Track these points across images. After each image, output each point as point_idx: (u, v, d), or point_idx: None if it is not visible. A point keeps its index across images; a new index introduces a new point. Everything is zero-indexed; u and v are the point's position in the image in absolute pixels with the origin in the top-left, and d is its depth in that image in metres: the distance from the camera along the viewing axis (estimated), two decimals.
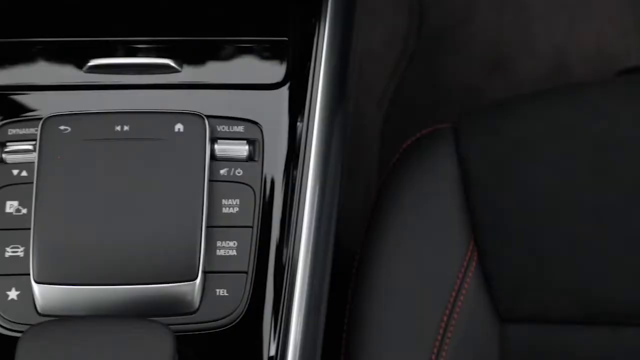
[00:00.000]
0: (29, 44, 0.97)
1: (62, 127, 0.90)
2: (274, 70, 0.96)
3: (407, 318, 1.02)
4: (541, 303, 1.06)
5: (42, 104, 0.95)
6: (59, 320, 0.82)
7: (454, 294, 1.03)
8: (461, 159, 1.08)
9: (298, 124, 0.94)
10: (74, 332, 0.80)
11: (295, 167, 0.93)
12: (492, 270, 1.06)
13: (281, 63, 0.96)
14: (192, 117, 0.91)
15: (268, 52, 0.97)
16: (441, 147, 1.10)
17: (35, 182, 0.89)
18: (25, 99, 0.95)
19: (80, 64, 0.96)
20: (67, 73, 0.96)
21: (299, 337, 0.89)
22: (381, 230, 1.06)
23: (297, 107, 0.95)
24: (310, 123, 0.94)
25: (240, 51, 0.97)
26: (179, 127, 0.91)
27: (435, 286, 1.04)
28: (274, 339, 0.89)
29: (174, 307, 0.88)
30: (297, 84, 0.96)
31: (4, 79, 0.96)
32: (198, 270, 0.87)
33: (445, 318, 1.02)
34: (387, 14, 1.69)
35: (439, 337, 1.01)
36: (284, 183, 0.93)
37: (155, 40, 0.97)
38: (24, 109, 0.95)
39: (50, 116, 0.91)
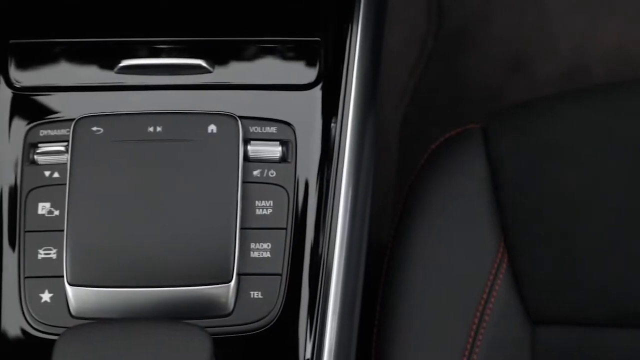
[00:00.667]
0: (60, 44, 0.96)
1: (94, 128, 0.90)
2: (306, 71, 0.96)
3: (438, 319, 1.02)
4: (572, 305, 1.05)
5: (73, 105, 0.94)
6: (96, 323, 0.82)
7: (484, 295, 1.02)
8: (491, 159, 1.07)
9: (331, 125, 0.94)
10: (110, 335, 0.79)
11: (329, 168, 0.92)
12: (522, 272, 1.05)
13: (313, 63, 0.96)
14: (225, 118, 0.91)
15: (300, 53, 0.96)
16: (470, 147, 1.09)
17: (67, 183, 0.88)
18: (57, 99, 0.95)
19: (111, 64, 0.95)
20: (98, 74, 0.96)
21: (334, 339, 0.88)
22: (411, 231, 1.05)
23: (330, 108, 0.94)
24: (343, 124, 0.93)
25: (272, 51, 0.96)
26: (212, 128, 0.90)
27: (466, 287, 1.03)
28: (310, 341, 0.88)
29: (208, 309, 0.87)
30: (329, 85, 0.95)
31: (34, 79, 0.95)
32: (233, 272, 0.86)
33: (476, 320, 1.01)
34: (406, 13, 1.68)
35: (470, 340, 1.00)
36: (318, 184, 0.92)
37: (186, 40, 0.96)
38: (55, 110, 0.94)
39: (82, 117, 0.91)
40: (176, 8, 0.97)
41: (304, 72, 0.96)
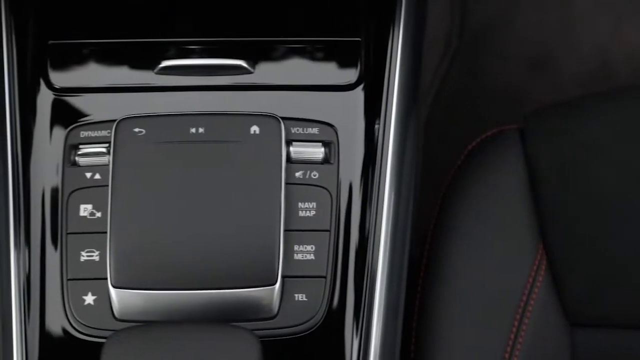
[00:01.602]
0: (100, 45, 0.96)
1: (136, 130, 0.89)
2: (347, 72, 0.95)
3: (478, 322, 1.01)
4: (611, 307, 1.04)
5: (113, 106, 0.94)
6: (143, 326, 0.81)
7: (524, 297, 1.02)
8: (529, 160, 1.07)
9: (373, 126, 0.93)
10: (159, 338, 0.79)
11: (372, 169, 0.92)
12: (562, 274, 1.04)
13: (354, 64, 0.95)
14: (268, 118, 0.90)
15: (340, 53, 0.96)
16: (508, 148, 1.08)
17: (110, 185, 0.88)
18: (96, 101, 0.94)
19: (151, 65, 0.94)
20: (138, 75, 0.95)
21: (379, 342, 0.88)
22: (449, 232, 1.04)
23: (372, 109, 0.94)
24: (386, 125, 0.92)
25: (313, 52, 0.96)
26: (254, 129, 0.89)
27: (505, 290, 1.02)
28: (356, 344, 0.88)
29: (253, 312, 0.87)
30: (371, 85, 0.95)
31: (74, 81, 0.95)
32: (277, 275, 0.86)
33: (516, 323, 1.01)
34: (429, 13, 1.67)
35: (510, 342, 1.00)
36: (362, 186, 0.92)
37: (226, 41, 0.95)
38: (95, 111, 0.94)
39: (124, 118, 0.90)
40: (216, 8, 0.96)
41: (344, 73, 0.95)
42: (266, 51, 0.95)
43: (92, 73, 0.95)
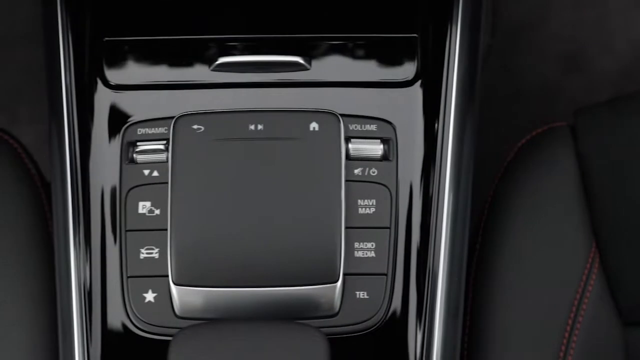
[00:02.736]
0: (155, 42, 0.95)
1: (195, 127, 0.89)
2: (404, 68, 0.95)
3: (531, 320, 1.00)
4: None
5: (169, 103, 0.93)
6: (210, 324, 0.81)
7: (578, 296, 1.01)
8: (581, 158, 1.06)
9: (432, 122, 0.93)
10: (226, 336, 0.78)
11: (432, 166, 0.91)
12: (615, 273, 1.04)
13: (411, 60, 0.95)
14: (327, 115, 0.89)
15: (397, 50, 0.95)
16: (559, 146, 1.07)
17: (169, 182, 0.87)
18: (152, 98, 0.94)
19: (207, 62, 0.94)
20: (194, 71, 0.94)
21: (441, 340, 0.87)
22: (501, 231, 1.04)
23: (430, 106, 0.93)
24: (445, 123, 0.92)
25: (369, 48, 0.95)
26: (314, 125, 0.89)
27: (559, 289, 1.02)
28: (419, 343, 0.87)
29: (314, 310, 0.86)
30: (428, 82, 0.94)
31: (130, 77, 0.94)
32: (339, 272, 0.85)
33: (570, 321, 1.00)
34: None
35: (565, 341, 0.99)
36: (421, 184, 0.91)
37: (282, 37, 0.95)
38: (151, 108, 0.93)
39: (183, 115, 0.89)
40: (273, 5, 0.96)
41: (401, 69, 0.95)
42: (322, 47, 0.95)
43: (148, 70, 0.95)
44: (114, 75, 0.94)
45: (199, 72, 0.94)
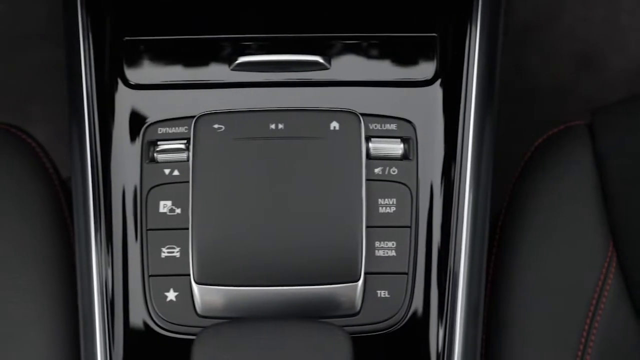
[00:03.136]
0: (175, 41, 0.95)
1: (215, 126, 0.89)
2: (424, 67, 0.95)
3: (549, 319, 1.00)
4: None
5: (189, 102, 0.93)
6: (233, 322, 0.81)
7: (595, 295, 1.01)
8: (598, 158, 1.06)
9: (452, 121, 0.93)
10: (250, 334, 0.78)
11: (452, 165, 0.91)
12: (632, 272, 1.04)
13: (430, 60, 0.95)
14: (347, 114, 0.89)
15: (416, 49, 0.95)
16: (576, 146, 1.07)
17: (191, 181, 0.87)
18: (172, 97, 0.94)
19: (227, 61, 0.94)
20: (214, 71, 0.95)
21: (462, 340, 0.87)
22: (518, 230, 1.04)
23: (450, 105, 0.93)
24: (466, 121, 0.92)
25: (389, 47, 0.95)
26: (334, 125, 0.89)
27: (577, 288, 1.02)
28: (440, 342, 0.87)
29: (336, 309, 0.86)
30: (447, 81, 0.94)
31: (150, 77, 0.95)
32: (360, 271, 0.85)
33: (588, 320, 1.00)
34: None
35: (583, 340, 0.99)
36: (442, 183, 0.91)
37: (302, 37, 0.95)
38: (171, 107, 0.93)
39: (203, 114, 0.90)
40: (293, 5, 0.96)
41: (421, 69, 0.95)
42: (342, 47, 0.95)
43: (168, 70, 0.95)
44: (134, 74, 0.94)
45: (219, 72, 0.94)
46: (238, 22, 0.96)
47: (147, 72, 0.95)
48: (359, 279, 0.85)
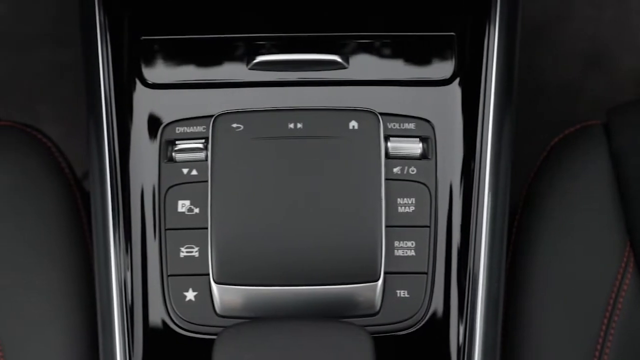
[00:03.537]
0: (192, 41, 0.95)
1: (234, 125, 0.89)
2: (442, 66, 0.94)
3: (567, 320, 1.00)
4: None
5: (207, 101, 0.93)
6: (254, 322, 0.81)
7: (613, 295, 1.01)
8: (615, 158, 1.06)
9: (470, 121, 0.92)
10: (271, 334, 0.78)
11: (471, 165, 0.91)
12: None
13: (449, 59, 0.95)
14: (366, 114, 0.89)
15: (435, 48, 0.95)
16: (592, 145, 1.07)
17: (209, 181, 0.87)
18: (190, 96, 0.94)
19: (244, 60, 0.94)
20: (231, 70, 0.94)
21: (482, 340, 0.87)
22: (535, 230, 1.04)
23: (468, 104, 0.93)
24: (485, 121, 0.92)
25: (407, 47, 0.95)
26: (353, 124, 0.89)
27: (594, 288, 1.01)
28: (461, 342, 0.87)
29: (355, 308, 0.86)
30: (466, 80, 0.94)
31: (167, 76, 0.94)
32: (380, 271, 0.85)
33: (605, 320, 1.00)
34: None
35: (601, 340, 0.99)
36: (461, 181, 0.91)
37: (320, 36, 0.95)
38: (189, 106, 0.93)
39: (222, 114, 0.89)
40: (311, 4, 0.95)
41: (439, 68, 0.94)
42: (360, 46, 0.95)
43: (185, 69, 0.95)
44: (151, 74, 0.94)
45: (237, 71, 0.94)
46: (256, 21, 0.96)
47: (164, 71, 0.94)
48: (378, 279, 0.85)
